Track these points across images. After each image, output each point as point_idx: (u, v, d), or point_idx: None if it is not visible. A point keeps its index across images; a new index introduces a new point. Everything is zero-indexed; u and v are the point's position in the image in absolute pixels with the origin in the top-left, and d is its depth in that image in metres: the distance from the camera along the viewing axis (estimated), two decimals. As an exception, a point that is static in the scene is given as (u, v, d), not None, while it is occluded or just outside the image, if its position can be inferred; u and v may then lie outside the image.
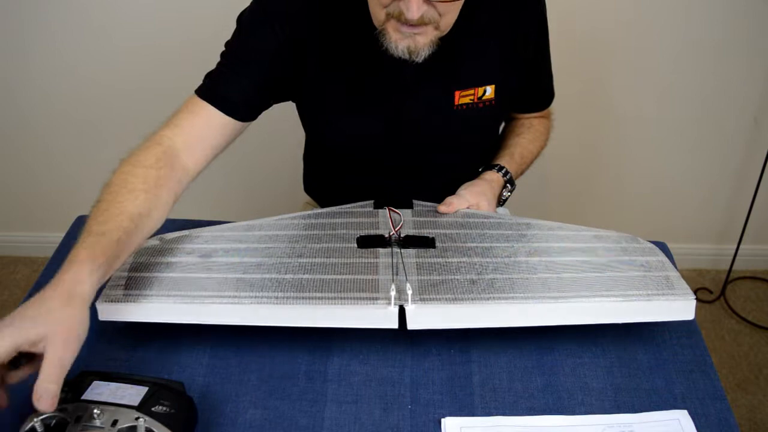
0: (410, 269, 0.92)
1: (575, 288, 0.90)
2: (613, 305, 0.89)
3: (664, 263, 0.97)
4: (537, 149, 1.24)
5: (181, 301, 0.87)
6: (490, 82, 1.09)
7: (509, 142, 1.23)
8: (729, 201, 2.06)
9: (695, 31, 1.75)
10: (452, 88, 1.08)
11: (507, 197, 1.19)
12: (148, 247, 0.97)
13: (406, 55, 0.96)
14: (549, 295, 0.88)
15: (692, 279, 2.16)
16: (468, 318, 0.87)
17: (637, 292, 0.90)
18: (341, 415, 0.85)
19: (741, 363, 1.91)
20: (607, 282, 0.92)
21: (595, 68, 1.79)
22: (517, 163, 1.20)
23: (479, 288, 0.89)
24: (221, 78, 1.04)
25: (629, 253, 0.98)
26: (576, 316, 0.89)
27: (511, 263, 0.94)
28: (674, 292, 0.91)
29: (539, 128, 1.25)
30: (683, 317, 0.91)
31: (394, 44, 0.95)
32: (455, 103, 1.08)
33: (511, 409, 0.86)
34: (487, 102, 1.10)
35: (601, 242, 1.00)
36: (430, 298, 0.87)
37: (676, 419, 0.85)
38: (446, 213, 1.06)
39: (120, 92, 1.87)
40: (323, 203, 1.33)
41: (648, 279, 0.93)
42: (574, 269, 0.94)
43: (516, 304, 0.87)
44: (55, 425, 0.74)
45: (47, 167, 2.02)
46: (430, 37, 0.96)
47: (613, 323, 0.90)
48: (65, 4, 1.73)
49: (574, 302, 0.88)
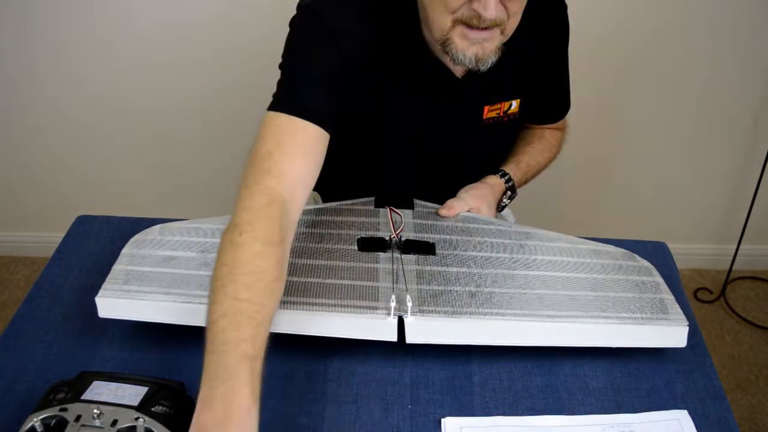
0: (410, 277, 0.92)
1: (570, 306, 0.91)
2: (607, 328, 0.90)
3: (659, 284, 0.97)
4: (545, 161, 1.24)
5: (181, 301, 0.87)
6: (515, 96, 1.10)
7: (518, 150, 1.22)
8: (729, 201, 2.06)
9: (695, 32, 1.75)
10: (482, 103, 1.08)
11: (506, 204, 1.19)
12: (147, 239, 0.97)
13: (473, 63, 0.94)
14: (545, 314, 0.89)
15: (692, 279, 2.16)
16: (465, 334, 0.88)
17: (631, 315, 0.91)
18: (341, 415, 0.85)
19: (741, 363, 1.91)
20: (602, 302, 0.92)
21: (595, 68, 1.79)
22: (523, 171, 1.20)
23: (478, 301, 0.90)
24: (300, 91, 0.95)
25: (625, 272, 0.99)
26: (570, 338, 0.90)
27: (509, 276, 0.95)
28: (668, 317, 0.92)
29: (551, 140, 1.25)
30: (675, 344, 0.91)
31: (461, 53, 0.93)
32: (483, 117, 1.09)
33: (511, 409, 0.86)
34: (511, 116, 1.11)
35: (598, 258, 1.01)
36: (429, 309, 0.88)
37: (676, 419, 0.85)
38: (446, 216, 1.06)
39: (120, 92, 1.87)
40: (326, 197, 1.33)
41: (643, 301, 0.94)
42: (571, 286, 0.94)
43: (513, 321, 0.88)
44: (55, 425, 0.74)
45: (47, 167, 2.02)
46: (496, 43, 0.94)
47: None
48: (68, 8, 1.73)
49: (569, 323, 0.89)
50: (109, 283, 0.90)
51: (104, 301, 0.88)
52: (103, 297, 0.88)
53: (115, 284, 0.89)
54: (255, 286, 0.77)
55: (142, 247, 0.96)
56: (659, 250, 1.11)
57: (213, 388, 0.70)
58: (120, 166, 2.00)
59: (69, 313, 0.97)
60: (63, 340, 0.93)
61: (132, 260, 0.93)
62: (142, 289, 0.88)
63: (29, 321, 0.96)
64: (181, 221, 1.02)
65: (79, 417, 0.73)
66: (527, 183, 1.24)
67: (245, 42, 1.44)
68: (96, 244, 1.09)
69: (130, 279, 0.90)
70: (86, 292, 0.96)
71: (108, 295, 0.88)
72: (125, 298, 0.88)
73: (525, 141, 1.24)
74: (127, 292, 0.88)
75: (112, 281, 0.90)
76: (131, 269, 0.92)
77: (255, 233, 0.80)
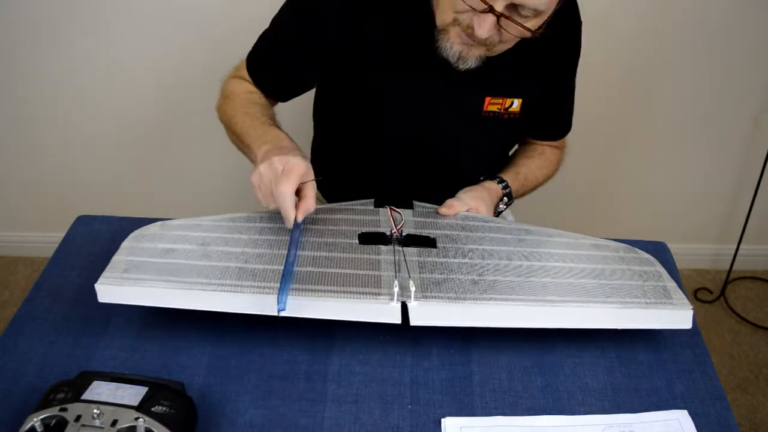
0: (412, 267, 0.92)
1: (574, 293, 0.91)
2: (612, 311, 0.89)
3: (661, 274, 0.97)
4: (543, 177, 1.26)
5: (182, 287, 0.87)
6: (518, 95, 1.12)
7: (518, 162, 1.25)
8: (729, 201, 2.06)
9: (695, 32, 1.75)
10: (484, 93, 1.11)
11: (502, 210, 1.20)
12: (149, 233, 0.97)
13: (455, 58, 1.00)
14: (549, 299, 0.89)
15: (692, 279, 2.16)
16: (469, 317, 0.88)
17: (635, 300, 0.91)
18: (341, 415, 0.85)
19: (741, 363, 1.91)
20: (605, 289, 0.92)
21: (596, 68, 1.79)
22: (521, 182, 1.21)
23: (481, 288, 0.89)
24: (264, 58, 1.16)
25: (627, 263, 0.99)
26: (576, 321, 0.89)
27: (511, 266, 0.95)
28: (672, 301, 0.92)
29: (551, 157, 1.27)
30: (681, 326, 0.91)
31: (449, 45, 0.99)
32: (484, 108, 1.11)
33: (511, 409, 0.86)
34: (512, 114, 1.13)
35: (599, 251, 1.01)
36: (432, 295, 0.87)
37: (676, 419, 0.85)
38: (446, 215, 1.06)
39: (120, 92, 1.87)
40: (327, 196, 1.33)
41: (646, 288, 0.94)
42: (573, 275, 0.94)
43: (517, 306, 0.88)
44: (54, 425, 0.74)
45: (47, 167, 2.02)
46: (480, 53, 1.00)
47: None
48: (68, 8, 1.73)
49: (574, 307, 0.89)
50: (108, 272, 0.89)
51: (104, 287, 0.88)
52: (103, 284, 0.88)
53: (115, 272, 0.89)
54: (256, 102, 1.13)
55: (142, 241, 0.96)
56: (659, 250, 1.11)
57: (260, 144, 1.00)
58: (120, 166, 2.00)
59: (69, 313, 0.97)
60: (63, 340, 0.93)
61: (132, 251, 0.93)
62: (142, 276, 0.88)
63: (29, 321, 0.96)
64: (181, 219, 1.02)
65: (79, 417, 0.73)
66: (523, 196, 1.25)
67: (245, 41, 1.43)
68: (96, 244, 1.09)
69: (130, 268, 0.90)
70: (86, 292, 0.96)
71: (108, 282, 0.88)
72: (125, 285, 0.88)
73: (525, 155, 1.26)
74: (127, 279, 0.88)
75: (112, 269, 0.90)
76: (131, 259, 0.92)
77: (244, 84, 1.17)
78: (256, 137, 1.03)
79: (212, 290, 0.87)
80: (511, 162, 1.25)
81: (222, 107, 1.16)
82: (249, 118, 1.08)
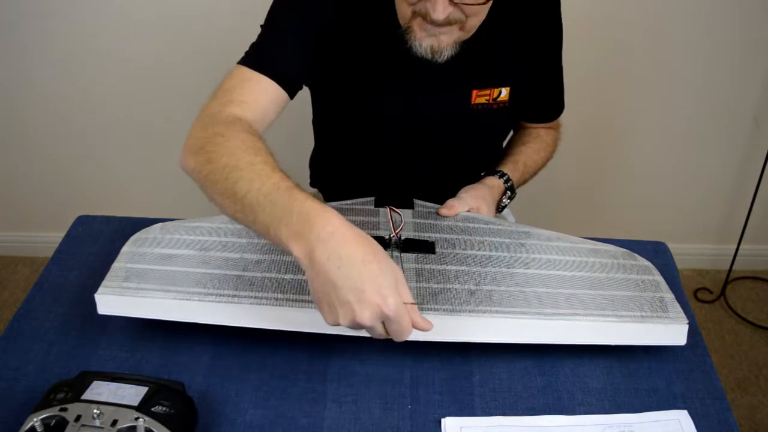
0: (410, 275, 0.92)
1: (570, 305, 0.91)
2: (606, 326, 0.90)
3: (659, 283, 0.97)
4: (542, 160, 1.25)
5: (180, 298, 0.87)
6: (505, 84, 1.10)
7: (514, 150, 1.24)
8: (729, 201, 2.06)
9: (695, 32, 1.75)
10: (470, 86, 1.09)
11: (506, 204, 1.20)
12: (147, 237, 0.97)
13: (429, 54, 0.98)
14: (544, 312, 0.89)
15: (692, 279, 2.16)
16: (465, 332, 0.88)
17: (631, 313, 0.91)
18: (341, 415, 0.85)
19: (741, 363, 1.91)
20: (601, 300, 0.92)
21: (595, 67, 1.79)
22: (520, 171, 1.21)
23: (477, 299, 0.90)
24: (271, 50, 1.00)
25: (625, 271, 0.99)
26: (569, 336, 0.90)
27: (508, 274, 0.95)
28: (668, 315, 0.92)
29: (546, 139, 1.26)
30: (675, 342, 0.91)
31: (418, 42, 0.97)
32: (471, 102, 1.10)
33: (511, 409, 0.86)
34: (501, 104, 1.12)
35: (598, 257, 1.01)
36: (428, 308, 0.88)
37: (676, 419, 0.85)
38: (447, 216, 1.06)
39: (120, 92, 1.87)
40: (327, 195, 1.33)
41: (643, 299, 0.94)
42: (570, 285, 0.94)
43: (512, 319, 0.88)
44: (54, 425, 0.74)
45: (47, 167, 2.02)
46: (454, 38, 0.98)
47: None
48: (68, 8, 1.73)
49: (568, 321, 0.89)
50: (108, 281, 0.90)
51: (104, 298, 0.88)
52: (102, 294, 0.88)
53: (115, 281, 0.89)
54: (257, 149, 0.83)
55: (141, 246, 0.96)
56: (659, 250, 1.11)
57: (288, 224, 0.74)
58: (120, 166, 2.00)
59: (69, 313, 0.97)
60: (63, 340, 0.93)
61: (131, 258, 0.93)
62: (142, 286, 0.88)
63: (29, 321, 0.96)
64: (181, 220, 1.02)
65: (79, 417, 0.73)
66: (526, 183, 1.25)
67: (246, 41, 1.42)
68: (96, 244, 1.09)
69: (129, 276, 0.90)
70: (86, 292, 0.96)
71: (107, 292, 0.88)
72: (124, 295, 0.88)
73: (521, 141, 1.25)
74: (126, 289, 0.88)
75: (112, 278, 0.90)
76: (131, 267, 0.92)
77: (234, 129, 0.86)
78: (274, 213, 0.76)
79: (210, 301, 0.87)
80: (508, 151, 1.24)
81: (205, 148, 0.86)
82: (256, 176, 0.80)
